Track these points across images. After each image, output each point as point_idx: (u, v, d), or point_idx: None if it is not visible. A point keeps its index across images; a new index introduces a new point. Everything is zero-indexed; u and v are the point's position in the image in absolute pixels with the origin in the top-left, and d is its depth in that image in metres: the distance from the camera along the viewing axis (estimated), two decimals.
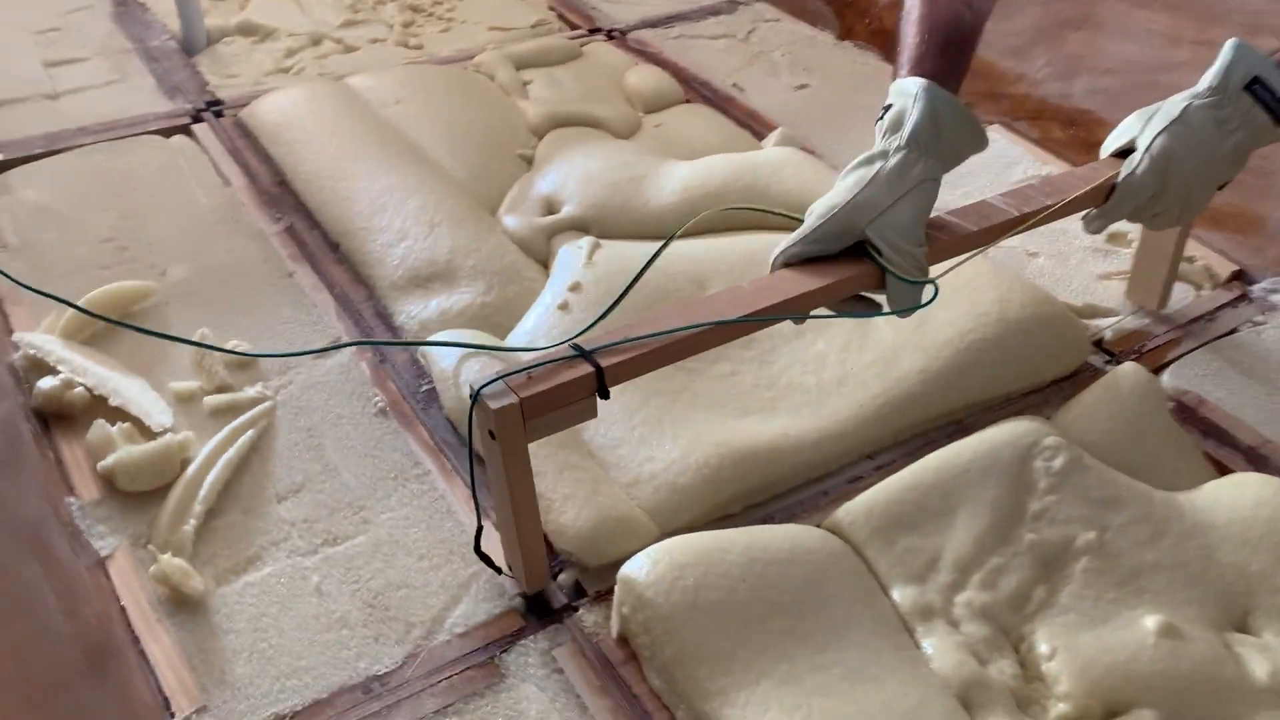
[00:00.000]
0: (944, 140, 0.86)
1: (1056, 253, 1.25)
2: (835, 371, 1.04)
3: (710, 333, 0.81)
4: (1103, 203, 0.98)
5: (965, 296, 1.07)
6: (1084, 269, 1.22)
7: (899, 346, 1.04)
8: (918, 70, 0.87)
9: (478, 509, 0.84)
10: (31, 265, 1.17)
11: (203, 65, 1.59)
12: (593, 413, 0.78)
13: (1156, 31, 1.46)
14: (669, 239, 0.89)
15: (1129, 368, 1.01)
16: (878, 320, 1.07)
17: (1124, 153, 0.99)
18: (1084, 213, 0.99)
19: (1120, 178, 0.97)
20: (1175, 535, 0.87)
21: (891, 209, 0.83)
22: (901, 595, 0.83)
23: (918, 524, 0.87)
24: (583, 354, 0.77)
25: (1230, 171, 0.98)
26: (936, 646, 0.80)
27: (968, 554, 0.85)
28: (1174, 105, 0.97)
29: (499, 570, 0.86)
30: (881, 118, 0.88)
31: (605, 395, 0.77)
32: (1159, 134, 0.96)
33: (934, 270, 0.88)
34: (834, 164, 1.33)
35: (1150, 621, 0.80)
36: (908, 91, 0.86)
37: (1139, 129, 0.98)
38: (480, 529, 0.84)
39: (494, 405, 0.73)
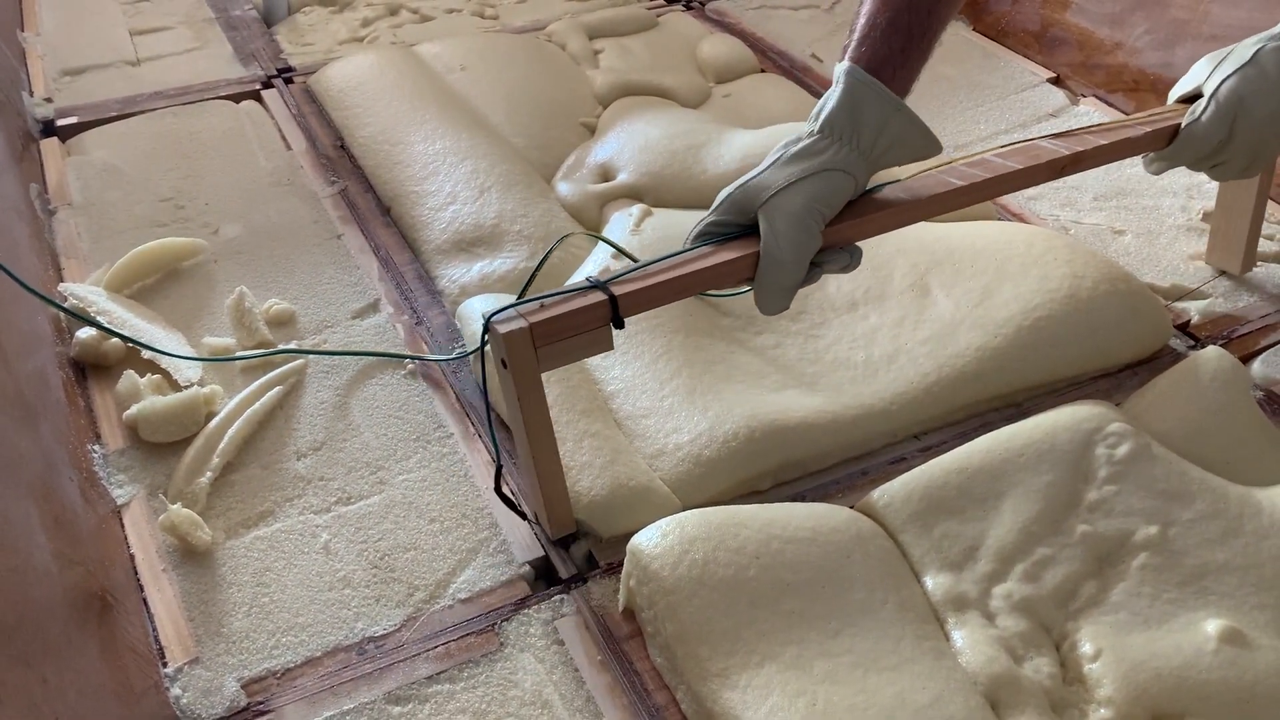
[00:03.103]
0: (864, 131, 0.78)
1: (1145, 231, 1.15)
2: (887, 348, 0.97)
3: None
4: (1164, 148, 0.90)
5: (1034, 271, 1.00)
6: (1174, 248, 1.12)
7: (957, 322, 0.97)
8: (856, 54, 0.80)
9: (495, 447, 0.83)
10: (92, 221, 1.18)
11: (280, 34, 1.60)
12: (608, 344, 0.77)
13: None
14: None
15: (1211, 352, 0.92)
16: (937, 294, 1.00)
17: (1191, 99, 0.91)
18: (1147, 156, 0.92)
19: (1184, 124, 0.89)
20: (1250, 534, 0.78)
21: (784, 191, 0.77)
22: (934, 583, 0.77)
23: (960, 509, 0.80)
24: (597, 285, 0.76)
25: None
26: (967, 639, 0.73)
27: (1012, 543, 0.78)
28: (1246, 48, 0.88)
29: (524, 516, 0.84)
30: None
31: (620, 325, 0.76)
32: (1227, 78, 0.87)
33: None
34: None
35: (1212, 626, 0.72)
36: (835, 76, 0.80)
37: (1207, 73, 0.89)
38: (499, 469, 0.83)
39: (503, 330, 0.72)
